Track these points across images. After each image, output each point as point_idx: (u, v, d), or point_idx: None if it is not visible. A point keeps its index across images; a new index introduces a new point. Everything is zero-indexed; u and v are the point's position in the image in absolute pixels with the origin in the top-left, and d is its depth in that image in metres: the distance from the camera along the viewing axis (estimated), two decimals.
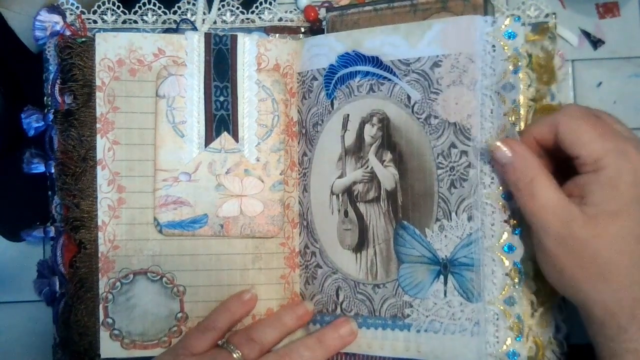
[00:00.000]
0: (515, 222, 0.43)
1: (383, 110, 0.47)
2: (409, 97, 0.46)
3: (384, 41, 0.47)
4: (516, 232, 0.43)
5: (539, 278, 0.46)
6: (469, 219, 0.43)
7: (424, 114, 0.45)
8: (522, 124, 0.49)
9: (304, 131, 0.50)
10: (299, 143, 0.50)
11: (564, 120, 0.39)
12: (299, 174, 0.50)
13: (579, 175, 0.39)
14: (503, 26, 0.44)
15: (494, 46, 0.44)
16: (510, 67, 0.44)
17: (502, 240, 0.43)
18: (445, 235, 0.44)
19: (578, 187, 0.38)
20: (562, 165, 0.41)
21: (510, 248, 0.43)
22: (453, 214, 0.44)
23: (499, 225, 0.43)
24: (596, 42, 0.54)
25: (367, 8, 0.49)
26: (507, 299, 0.43)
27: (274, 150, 0.49)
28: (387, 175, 0.47)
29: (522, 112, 0.49)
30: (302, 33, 0.52)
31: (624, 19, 0.54)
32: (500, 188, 0.43)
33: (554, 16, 0.50)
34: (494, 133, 0.43)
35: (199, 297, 0.48)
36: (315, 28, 0.52)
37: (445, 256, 0.44)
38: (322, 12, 0.51)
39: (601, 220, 0.37)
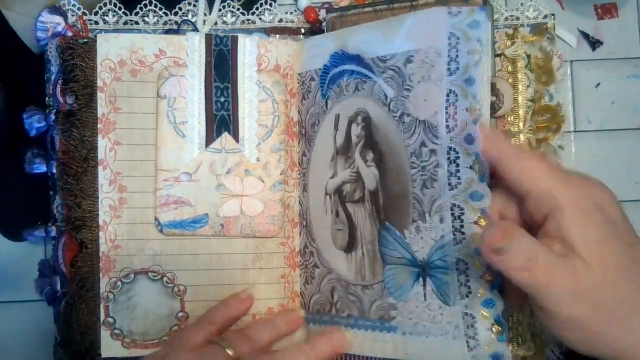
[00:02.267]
0: (485, 223, 0.40)
1: (365, 109, 0.46)
2: (385, 95, 0.45)
3: (364, 39, 0.46)
4: None
5: None
6: (441, 220, 0.41)
7: (399, 111, 0.44)
8: (521, 125, 0.49)
9: (303, 131, 0.50)
10: (299, 143, 0.50)
11: (513, 163, 0.37)
12: (298, 174, 0.50)
13: (544, 226, 0.36)
14: (466, 16, 0.41)
15: (458, 38, 0.41)
16: (473, 60, 0.40)
17: (473, 243, 0.40)
18: (422, 237, 0.43)
19: (555, 237, 0.35)
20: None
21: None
22: (427, 215, 0.42)
23: (468, 227, 0.40)
24: (595, 43, 0.55)
25: (366, 9, 0.49)
26: (484, 301, 0.40)
27: (274, 150, 0.50)
28: (370, 175, 0.46)
29: (520, 112, 0.50)
30: (302, 34, 0.53)
31: (622, 20, 0.55)
32: (468, 189, 0.40)
33: (552, 17, 0.51)
34: (457, 131, 0.41)
35: (199, 296, 0.48)
36: (315, 29, 0.52)
37: (423, 258, 0.43)
38: (322, 13, 0.52)
39: (596, 255, 0.34)
